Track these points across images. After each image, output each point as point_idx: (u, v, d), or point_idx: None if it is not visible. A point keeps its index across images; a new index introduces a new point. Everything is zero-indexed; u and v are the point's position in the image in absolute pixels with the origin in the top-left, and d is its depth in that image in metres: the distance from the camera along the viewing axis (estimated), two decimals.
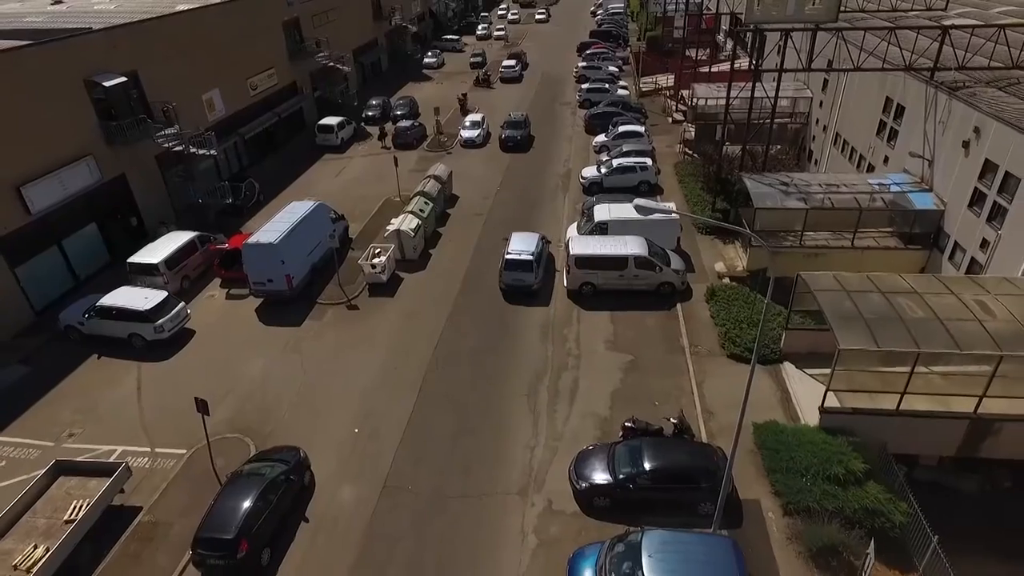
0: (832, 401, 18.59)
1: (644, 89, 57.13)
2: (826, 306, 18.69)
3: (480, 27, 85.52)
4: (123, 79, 29.68)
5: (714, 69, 50.37)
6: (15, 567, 15.45)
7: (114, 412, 21.70)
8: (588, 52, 66.09)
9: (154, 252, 27.68)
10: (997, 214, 22.13)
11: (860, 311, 18.41)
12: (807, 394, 19.97)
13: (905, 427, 18.20)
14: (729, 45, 58.12)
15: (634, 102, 51.02)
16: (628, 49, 71.53)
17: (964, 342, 17.10)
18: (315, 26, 49.98)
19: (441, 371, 23.07)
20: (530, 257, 26.61)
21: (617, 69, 60.68)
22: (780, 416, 19.69)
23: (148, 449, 20.03)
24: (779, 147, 39.05)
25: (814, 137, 39.27)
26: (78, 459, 18.58)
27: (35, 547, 15.92)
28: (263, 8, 43.15)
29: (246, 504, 16.05)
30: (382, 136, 45.33)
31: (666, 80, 56.27)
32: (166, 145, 31.15)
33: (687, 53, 52.68)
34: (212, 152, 32.64)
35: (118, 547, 16.94)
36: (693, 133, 42.03)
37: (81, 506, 16.88)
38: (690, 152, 40.55)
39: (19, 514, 16.83)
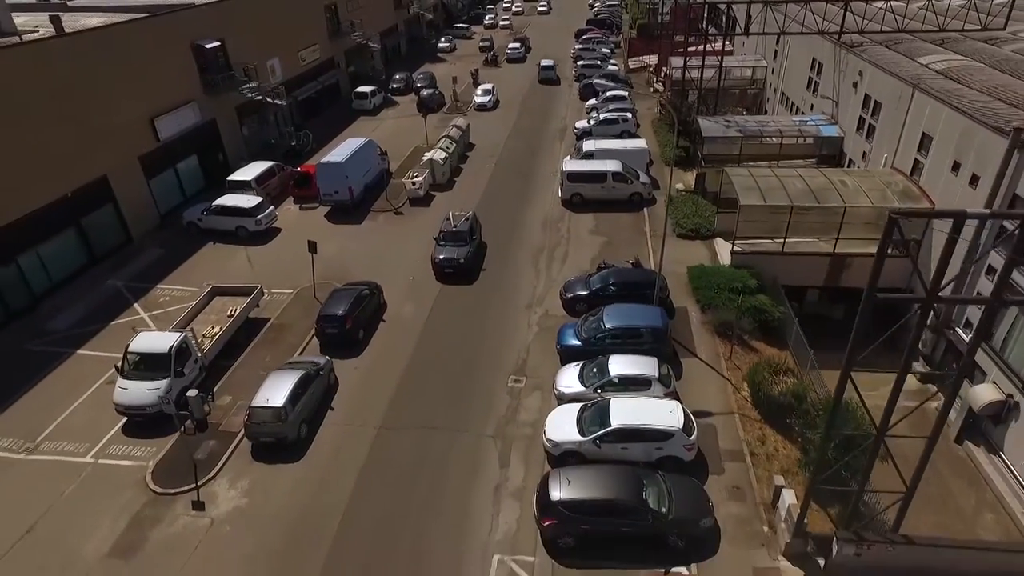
0: (739, 247, 27.20)
1: (632, 67, 65.72)
2: (736, 183, 27.31)
3: (487, 17, 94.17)
4: (218, 43, 38.34)
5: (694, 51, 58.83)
6: (203, 336, 24.05)
7: (235, 272, 30.25)
8: (584, 37, 74.77)
9: (246, 172, 36.36)
10: (871, 133, 30.78)
11: (759, 185, 27.03)
12: (727, 253, 28.50)
13: (788, 264, 26.77)
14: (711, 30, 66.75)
15: (622, 76, 59.58)
16: (620, 35, 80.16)
17: (822, 199, 25.71)
18: (348, 10, 58.57)
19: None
20: (552, 64, 60.23)
21: (609, 51, 69.28)
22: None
23: (266, 290, 28.58)
24: (736, 108, 47.74)
25: (768, 99, 47.84)
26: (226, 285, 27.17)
27: (212, 327, 24.58)
28: None
29: (348, 300, 24.70)
30: (420, 107, 49.40)
31: (650, 59, 64.85)
32: (249, 95, 39.78)
33: (675, 38, 61.25)
34: (282, 102, 41.34)
35: (261, 334, 25.62)
36: (669, 96, 50.57)
37: (235, 309, 25.50)
38: (665, 111, 49.11)
39: (196, 314, 25.41)
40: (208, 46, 37.71)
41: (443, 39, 78.34)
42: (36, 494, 18.71)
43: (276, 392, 19.87)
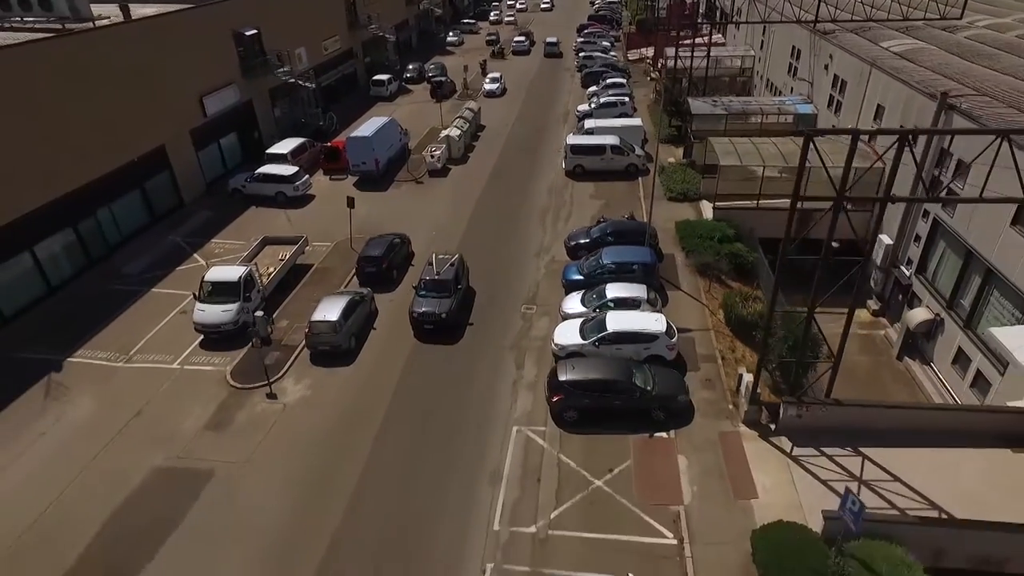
0: (720, 203, 31.35)
1: (631, 59, 69.94)
2: (718, 148, 31.49)
3: (493, 14, 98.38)
4: (256, 31, 42.53)
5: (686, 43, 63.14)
6: (260, 275, 28.16)
7: (277, 230, 34.30)
8: (586, 31, 79.09)
9: (282, 147, 40.55)
10: (838, 108, 34.93)
11: (736, 150, 31.19)
12: (710, 211, 32.62)
13: (762, 218, 30.87)
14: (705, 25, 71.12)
15: (621, 65, 63.78)
16: (620, 30, 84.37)
17: (791, 161, 29.84)
18: (365, 4, 62.75)
19: (483, 210, 35.91)
20: (556, 40, 71.57)
21: (609, 44, 73.50)
22: None
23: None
24: (727, 95, 51.86)
25: (755, 85, 52.04)
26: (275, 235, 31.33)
27: (268, 268, 28.74)
28: None
29: (383, 245, 28.90)
30: (434, 93, 54.82)
31: (647, 52, 69.07)
32: (284, 78, 44.00)
33: (672, 33, 65.57)
34: (312, 85, 45.56)
35: (307, 276, 29.81)
36: (664, 80, 54.75)
37: (285, 254, 29.67)
38: (660, 96, 53.25)
39: (251, 258, 29.54)
40: (247, 33, 41.91)
41: (451, 33, 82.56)
42: (138, 389, 22.90)
43: (331, 310, 24.07)
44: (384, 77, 58.39)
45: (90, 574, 16.52)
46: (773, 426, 19.58)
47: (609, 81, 54.66)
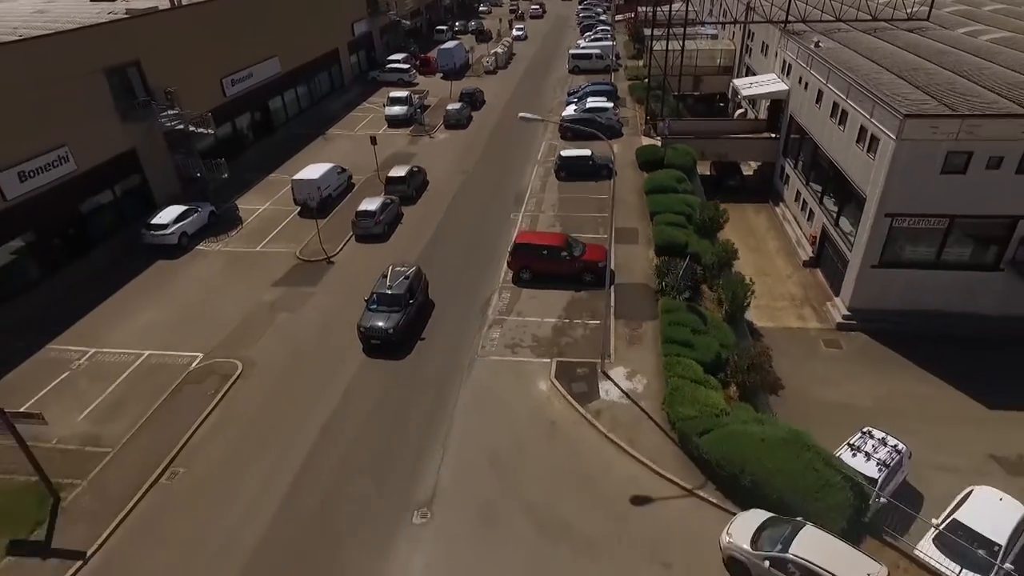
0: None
1: (618, 19, 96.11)
2: (650, 44, 57.45)
3: None
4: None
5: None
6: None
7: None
8: (585, 3, 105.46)
9: (396, 56, 66.93)
10: (732, 35, 60.97)
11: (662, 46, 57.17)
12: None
13: (676, 80, 56.85)
14: None
15: (608, 22, 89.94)
16: (613, 3, 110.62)
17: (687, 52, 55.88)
18: None
19: (520, 88, 62.12)
20: None
21: (602, 10, 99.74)
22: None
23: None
24: None
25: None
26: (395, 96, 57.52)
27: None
28: None
29: (472, 92, 55.13)
30: (477, 37, 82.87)
31: (629, 14, 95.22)
32: (393, 18, 70.38)
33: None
34: (408, 23, 71.90)
35: (431, 108, 56.02)
36: (633, 22, 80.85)
37: (419, 97, 55.76)
38: (631, 33, 79.34)
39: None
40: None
41: (483, 4, 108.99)
42: (366, 141, 49.03)
43: (454, 105, 50.29)
44: (443, 27, 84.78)
45: (384, 166, 42.56)
46: (655, 133, 45.58)
47: (600, 29, 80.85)
